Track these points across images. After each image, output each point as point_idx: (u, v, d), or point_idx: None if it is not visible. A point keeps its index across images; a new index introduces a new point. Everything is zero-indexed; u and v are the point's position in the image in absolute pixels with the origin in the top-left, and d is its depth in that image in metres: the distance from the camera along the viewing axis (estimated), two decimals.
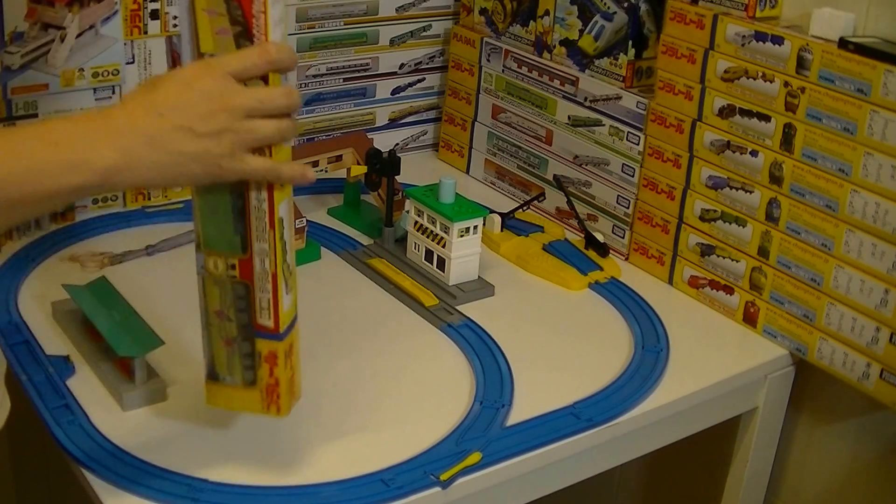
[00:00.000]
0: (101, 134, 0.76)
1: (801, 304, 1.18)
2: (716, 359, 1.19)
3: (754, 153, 1.20)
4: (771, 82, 1.16)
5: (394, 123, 1.67)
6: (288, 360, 0.91)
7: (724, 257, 1.26)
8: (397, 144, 1.68)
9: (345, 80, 1.60)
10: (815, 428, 1.29)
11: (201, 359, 1.11)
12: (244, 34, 0.81)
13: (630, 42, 1.34)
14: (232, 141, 0.79)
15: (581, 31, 1.40)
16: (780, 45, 1.15)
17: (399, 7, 1.60)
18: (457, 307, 1.24)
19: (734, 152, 1.22)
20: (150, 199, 1.45)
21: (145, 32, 1.37)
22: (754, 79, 1.18)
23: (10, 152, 0.74)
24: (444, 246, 1.27)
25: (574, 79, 1.42)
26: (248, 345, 0.91)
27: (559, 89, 1.45)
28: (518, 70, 1.51)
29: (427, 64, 1.67)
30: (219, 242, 0.87)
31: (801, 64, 1.13)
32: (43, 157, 0.74)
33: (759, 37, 1.17)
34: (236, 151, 0.80)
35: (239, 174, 0.82)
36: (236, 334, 0.91)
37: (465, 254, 1.27)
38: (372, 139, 1.49)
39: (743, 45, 1.19)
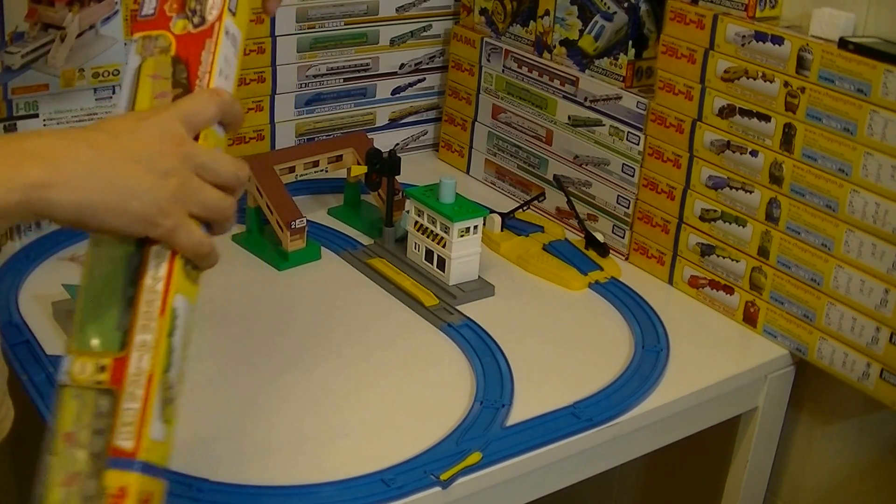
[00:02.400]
0: (25, 152, 0.65)
1: (801, 304, 1.18)
2: (716, 359, 1.19)
3: (754, 153, 1.20)
4: (771, 82, 1.16)
5: (394, 123, 1.67)
6: None
7: (724, 257, 1.26)
8: (397, 144, 1.68)
9: (345, 80, 1.60)
10: (815, 428, 1.29)
11: (202, 359, 1.12)
12: (185, 95, 0.74)
13: (630, 42, 1.34)
14: (177, 189, 0.69)
15: (581, 31, 1.40)
16: (780, 45, 1.15)
17: (399, 7, 1.60)
18: (457, 307, 1.24)
19: (734, 152, 1.22)
20: None
21: None
22: (754, 79, 1.18)
23: None
24: (444, 246, 1.27)
25: (574, 79, 1.42)
26: (93, 484, 0.66)
27: (559, 89, 1.45)
28: (518, 70, 1.51)
29: (427, 64, 1.67)
30: (95, 338, 0.70)
31: (801, 64, 1.13)
32: None
33: (759, 37, 1.17)
34: (177, 205, 0.69)
35: (169, 233, 0.69)
36: (83, 468, 0.67)
37: (465, 254, 1.27)
38: (372, 139, 1.49)
39: (743, 45, 1.19)
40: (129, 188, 0.67)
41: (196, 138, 0.72)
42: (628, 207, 1.37)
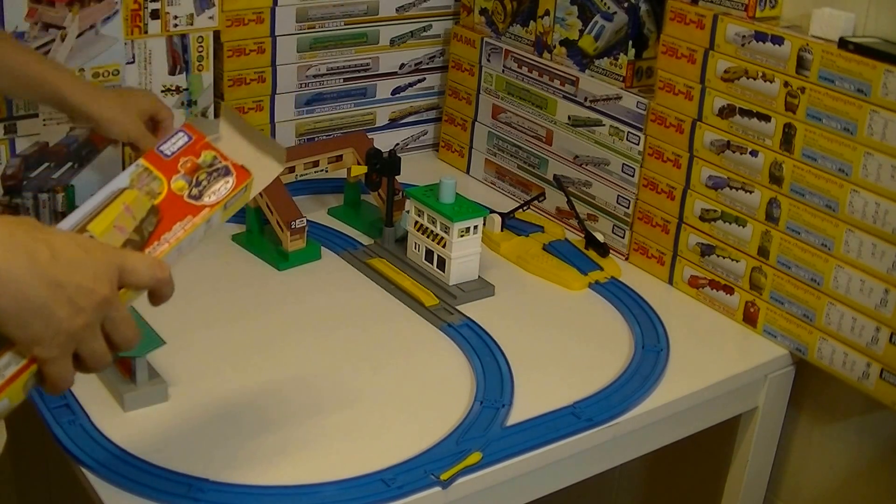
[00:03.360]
0: None
1: (801, 304, 1.18)
2: (716, 359, 1.19)
3: (754, 153, 1.20)
4: (771, 82, 1.16)
5: (394, 123, 1.67)
6: None
7: (724, 257, 1.26)
8: (397, 144, 1.68)
9: (345, 80, 1.60)
10: (815, 428, 1.29)
11: (203, 359, 1.12)
12: (136, 245, 0.77)
13: (630, 42, 1.34)
14: (79, 329, 0.71)
15: (581, 31, 1.40)
16: (780, 45, 1.15)
17: (399, 7, 1.60)
18: (457, 307, 1.24)
19: (734, 152, 1.22)
20: None
21: (146, 32, 1.37)
22: (754, 79, 1.18)
23: None
24: (444, 246, 1.27)
25: (574, 79, 1.42)
26: None
27: (559, 89, 1.45)
28: (518, 70, 1.51)
29: (427, 64, 1.67)
30: None
31: (801, 64, 1.13)
32: None
33: (759, 37, 1.17)
34: (70, 342, 0.71)
35: (47, 360, 0.71)
36: None
37: (465, 254, 1.27)
38: (372, 139, 1.49)
39: (743, 45, 1.19)
40: (42, 311, 0.69)
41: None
42: (628, 207, 1.37)
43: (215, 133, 0.84)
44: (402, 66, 1.64)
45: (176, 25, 1.39)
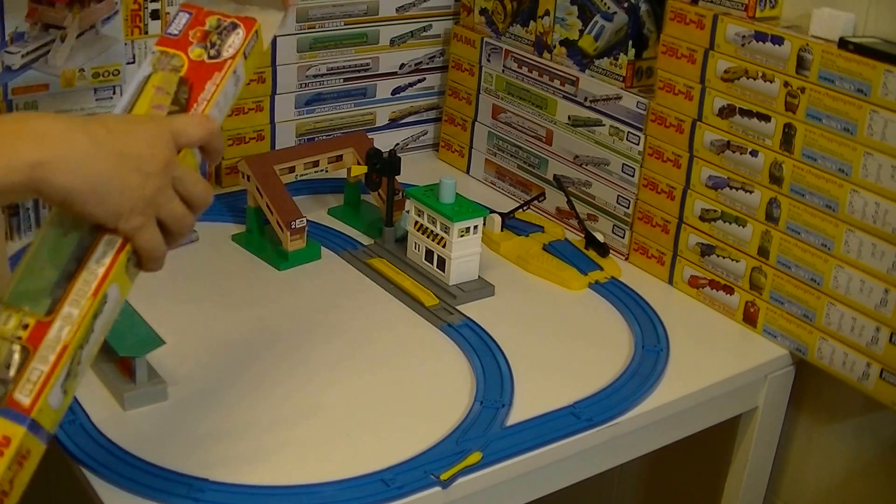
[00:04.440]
0: (25, 132, 0.70)
1: (801, 304, 1.18)
2: (716, 359, 1.19)
3: (754, 153, 1.20)
4: (771, 82, 1.16)
5: (394, 123, 1.67)
6: (15, 465, 0.69)
7: (724, 257, 1.26)
8: (397, 144, 1.68)
9: (345, 80, 1.60)
10: (815, 428, 1.29)
11: (202, 359, 1.12)
12: (178, 114, 0.81)
13: (630, 42, 1.34)
14: (154, 192, 0.74)
15: (581, 31, 1.40)
16: (780, 45, 1.15)
17: (399, 7, 1.60)
18: (457, 307, 1.24)
19: (734, 152, 1.22)
20: None
21: (146, 32, 1.37)
22: (754, 79, 1.18)
23: None
24: (444, 246, 1.27)
25: (574, 79, 1.42)
26: None
27: (559, 89, 1.45)
28: (518, 70, 1.51)
29: (427, 64, 1.67)
30: (27, 298, 0.74)
31: (801, 64, 1.13)
32: None
33: (759, 37, 1.17)
34: (149, 207, 0.74)
35: (133, 230, 0.74)
36: None
37: (465, 254, 1.27)
38: (372, 139, 1.49)
39: (743, 45, 1.19)
40: (114, 181, 0.72)
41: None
42: (628, 207, 1.37)
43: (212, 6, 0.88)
44: (402, 66, 1.64)
45: None
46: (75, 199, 0.71)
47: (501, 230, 1.42)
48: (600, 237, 1.39)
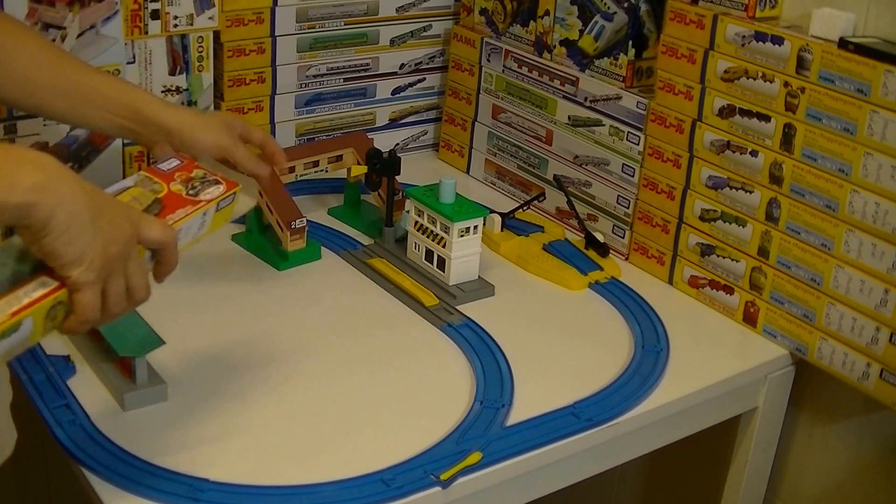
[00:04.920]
0: (22, 158, 0.73)
1: (801, 304, 1.18)
2: (716, 359, 1.19)
3: (754, 153, 1.20)
4: (771, 82, 1.16)
5: (394, 123, 1.67)
6: None
7: (724, 257, 1.26)
8: (397, 144, 1.68)
9: (345, 80, 1.60)
10: (815, 428, 1.29)
11: (202, 359, 1.12)
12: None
13: (630, 42, 1.34)
14: (113, 256, 0.77)
15: (581, 31, 1.40)
16: (780, 45, 1.15)
17: (399, 7, 1.60)
18: (457, 307, 1.24)
19: (734, 152, 1.22)
20: None
21: (146, 32, 1.37)
22: (754, 79, 1.18)
23: None
24: (444, 246, 1.27)
25: (574, 79, 1.42)
26: None
27: (559, 89, 1.45)
28: (518, 70, 1.51)
29: (427, 64, 1.67)
30: None
31: (801, 64, 1.13)
32: None
33: (759, 37, 1.17)
34: (104, 269, 0.77)
35: (82, 283, 0.76)
36: None
37: (465, 254, 1.27)
38: (372, 139, 1.49)
39: (743, 45, 1.19)
40: (89, 229, 0.75)
41: None
42: (628, 207, 1.37)
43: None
44: (402, 66, 1.64)
45: (176, 26, 1.39)
46: (51, 231, 0.72)
47: (501, 230, 1.42)
48: (600, 237, 1.39)
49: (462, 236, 1.26)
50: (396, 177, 1.38)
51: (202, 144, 1.08)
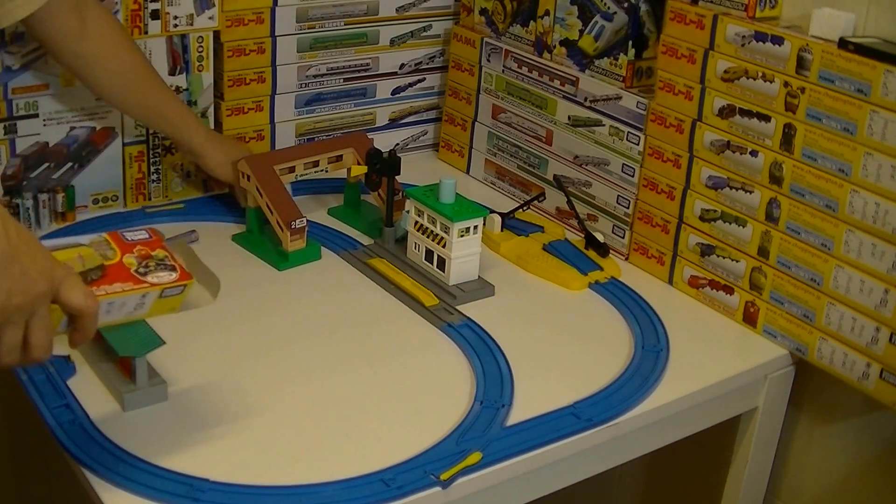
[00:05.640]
0: None
1: (801, 304, 1.18)
2: (716, 359, 1.19)
3: (754, 153, 1.20)
4: (771, 82, 1.16)
5: (394, 123, 1.67)
6: None
7: (724, 257, 1.26)
8: (397, 144, 1.68)
9: (345, 80, 1.60)
10: (815, 428, 1.29)
11: (202, 359, 1.12)
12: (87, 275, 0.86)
13: (630, 42, 1.34)
14: (14, 308, 0.77)
15: (581, 32, 1.40)
16: (780, 45, 1.15)
17: (399, 7, 1.60)
18: (457, 307, 1.24)
19: (734, 152, 1.22)
20: (150, 199, 1.45)
21: (146, 32, 1.37)
22: (754, 79, 1.18)
23: None
24: (444, 246, 1.27)
25: (574, 79, 1.42)
26: None
27: (559, 89, 1.45)
28: (518, 70, 1.51)
29: (427, 64, 1.67)
30: None
31: (801, 64, 1.13)
32: None
33: (759, 37, 1.17)
34: (1, 315, 0.77)
35: None
36: None
37: (465, 254, 1.27)
38: (372, 139, 1.49)
39: (743, 45, 1.19)
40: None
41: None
42: (628, 207, 1.37)
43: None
44: (402, 66, 1.64)
45: (176, 25, 1.39)
46: None
47: (501, 230, 1.42)
48: (600, 237, 1.39)
49: (462, 236, 1.26)
50: (396, 177, 1.38)
51: (224, 177, 1.40)
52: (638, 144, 1.34)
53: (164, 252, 0.93)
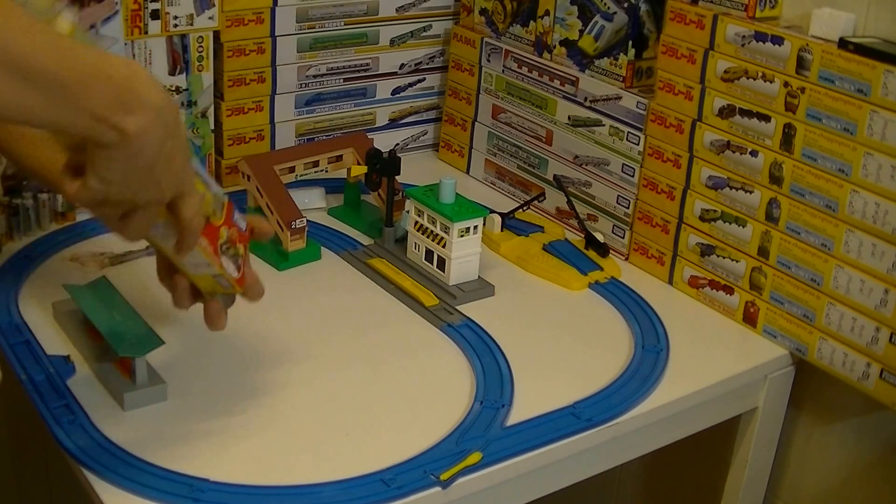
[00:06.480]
0: (147, 91, 0.77)
1: (801, 304, 1.18)
2: (716, 359, 1.19)
3: (754, 153, 1.20)
4: (771, 82, 1.16)
5: (394, 123, 1.67)
6: None
7: (724, 257, 1.26)
8: (397, 144, 1.68)
9: (345, 80, 1.60)
10: (815, 428, 1.29)
11: (202, 359, 1.12)
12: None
13: (630, 42, 1.34)
14: (127, 199, 0.81)
15: (581, 32, 1.41)
16: (780, 45, 1.15)
17: (399, 7, 1.60)
18: (457, 307, 1.24)
19: (734, 152, 1.22)
20: None
21: (146, 32, 1.37)
22: (754, 79, 1.18)
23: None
24: (444, 246, 1.27)
25: (574, 79, 1.42)
26: None
27: (559, 89, 1.45)
28: (518, 70, 1.51)
29: (427, 64, 1.67)
30: None
31: (801, 64, 1.13)
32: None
33: (759, 37, 1.17)
34: (110, 196, 0.80)
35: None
36: None
37: (465, 254, 1.27)
38: (372, 139, 1.49)
39: (743, 45, 1.19)
40: (142, 170, 0.78)
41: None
42: (628, 207, 1.37)
43: None
44: (402, 66, 1.64)
45: (176, 25, 1.39)
46: (113, 158, 0.76)
47: (501, 230, 1.42)
48: (600, 237, 1.39)
49: (462, 236, 1.26)
50: (396, 177, 1.38)
51: None
52: (638, 144, 1.34)
53: (244, 250, 0.97)
